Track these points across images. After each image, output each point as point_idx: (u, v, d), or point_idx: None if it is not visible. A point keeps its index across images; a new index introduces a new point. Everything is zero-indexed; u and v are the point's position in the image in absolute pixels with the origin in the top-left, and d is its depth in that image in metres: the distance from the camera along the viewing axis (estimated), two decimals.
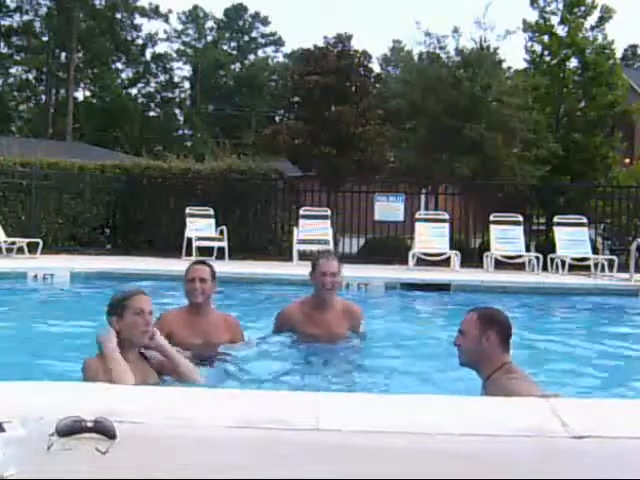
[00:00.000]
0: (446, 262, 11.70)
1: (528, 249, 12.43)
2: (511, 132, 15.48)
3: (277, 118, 41.01)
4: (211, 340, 4.32)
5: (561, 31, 18.27)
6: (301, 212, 13.13)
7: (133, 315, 3.28)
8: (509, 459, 2.22)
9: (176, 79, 57.99)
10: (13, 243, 11.74)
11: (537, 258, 11.56)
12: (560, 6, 18.18)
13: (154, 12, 54.99)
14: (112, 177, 14.83)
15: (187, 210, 13.27)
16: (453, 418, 2.60)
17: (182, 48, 58.20)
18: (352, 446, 2.28)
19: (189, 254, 12.52)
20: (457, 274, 10.59)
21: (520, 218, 12.62)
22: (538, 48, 18.74)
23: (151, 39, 55.79)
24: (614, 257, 11.80)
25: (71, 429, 2.19)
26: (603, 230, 15.13)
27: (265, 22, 60.24)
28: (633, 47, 54.76)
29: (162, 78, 57.35)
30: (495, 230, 12.47)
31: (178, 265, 11.08)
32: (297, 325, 4.70)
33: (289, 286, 8.95)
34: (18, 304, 7.77)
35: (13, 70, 51.58)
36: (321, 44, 19.66)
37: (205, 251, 12.71)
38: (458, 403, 2.96)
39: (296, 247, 12.33)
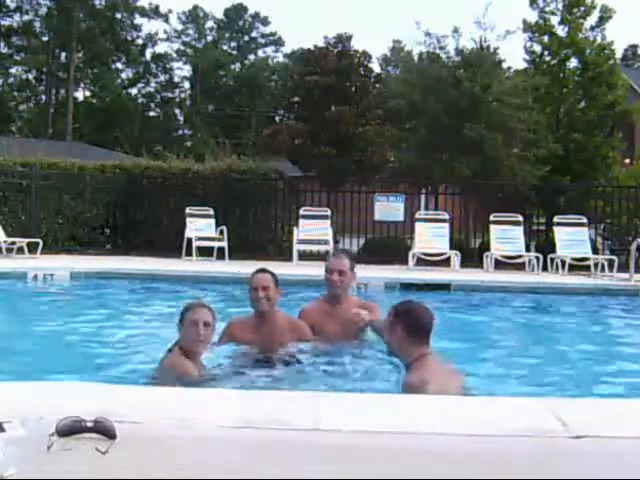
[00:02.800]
0: (446, 262, 11.69)
1: (528, 249, 12.43)
2: (511, 132, 15.47)
3: (277, 118, 41.02)
4: (273, 343, 4.40)
5: (561, 31, 18.28)
6: (301, 212, 13.13)
7: (189, 325, 3.65)
8: (509, 459, 2.22)
9: (176, 79, 58.05)
10: (13, 243, 11.75)
11: (537, 258, 11.56)
12: (560, 6, 18.19)
13: (154, 12, 54.99)
14: (112, 177, 14.81)
15: (187, 210, 13.26)
16: (453, 418, 2.60)
17: (182, 48, 58.20)
18: (352, 446, 2.28)
19: (189, 254, 12.52)
20: (457, 274, 10.59)
21: (520, 218, 12.61)
22: (538, 48, 18.74)
23: (151, 39, 55.83)
24: (614, 257, 11.80)
25: (71, 429, 2.19)
26: (603, 230, 15.12)
27: (265, 22, 60.24)
28: (633, 47, 54.78)
29: (162, 78, 57.37)
30: (495, 230, 12.47)
31: (178, 265, 11.12)
32: (316, 324, 4.70)
33: (289, 286, 8.95)
34: (18, 304, 7.76)
35: (13, 70, 51.63)
36: (321, 44, 19.69)
37: (205, 251, 12.72)
38: (458, 403, 2.96)
39: (296, 247, 12.33)
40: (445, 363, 3.57)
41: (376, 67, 28.56)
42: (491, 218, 12.68)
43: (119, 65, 54.84)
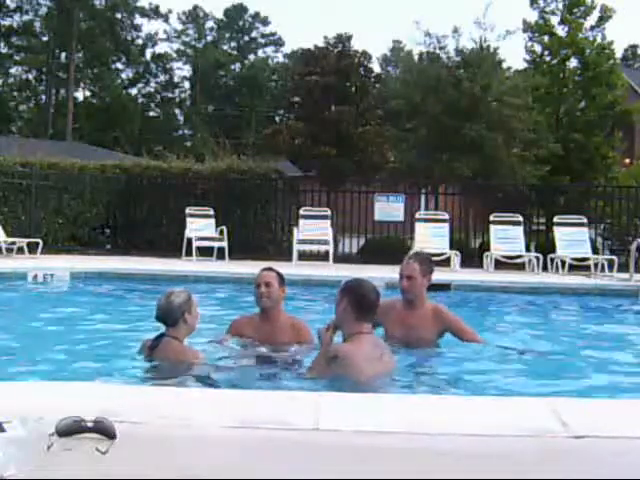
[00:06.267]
0: (446, 262, 11.69)
1: (528, 249, 12.43)
2: (511, 132, 15.48)
3: (277, 118, 41.05)
4: (275, 342, 4.43)
5: (561, 31, 18.31)
6: (301, 212, 13.13)
7: (197, 308, 4.10)
8: (509, 459, 2.22)
9: (176, 79, 58.11)
10: (13, 243, 11.75)
11: (537, 258, 11.56)
12: (560, 6, 18.20)
13: (154, 12, 55.03)
14: (112, 177, 14.82)
15: (187, 210, 13.27)
16: (453, 418, 2.60)
17: (182, 48, 58.23)
18: (352, 446, 2.27)
19: (189, 254, 12.52)
20: (457, 274, 10.58)
21: (520, 218, 12.62)
22: (538, 48, 18.77)
23: (151, 39, 55.88)
24: (614, 257, 11.80)
25: (71, 429, 2.19)
26: (603, 230, 15.12)
27: (265, 22, 60.28)
28: (633, 47, 54.78)
29: (162, 78, 57.40)
30: (495, 230, 12.48)
31: (178, 265, 11.11)
32: (385, 324, 4.67)
33: (289, 286, 8.94)
34: (18, 304, 7.76)
35: (13, 70, 51.68)
36: (321, 44, 19.71)
37: (205, 251, 12.72)
38: (458, 403, 2.96)
39: (296, 247, 12.34)
40: (383, 347, 3.76)
41: (376, 67, 28.65)
42: (491, 218, 12.69)
43: (119, 65, 54.91)
